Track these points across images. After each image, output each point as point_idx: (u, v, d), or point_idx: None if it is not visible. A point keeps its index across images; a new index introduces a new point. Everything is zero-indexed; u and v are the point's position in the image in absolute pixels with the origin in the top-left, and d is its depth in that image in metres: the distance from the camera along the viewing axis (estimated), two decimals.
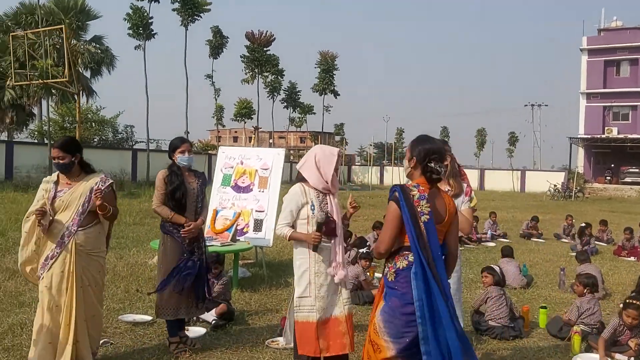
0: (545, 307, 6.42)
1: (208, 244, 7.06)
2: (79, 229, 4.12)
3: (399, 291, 3.15)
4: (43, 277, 4.10)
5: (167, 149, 5.11)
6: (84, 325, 4.11)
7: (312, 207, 4.05)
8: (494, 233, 13.77)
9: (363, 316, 6.40)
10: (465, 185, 4.46)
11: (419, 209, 3.10)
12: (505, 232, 14.42)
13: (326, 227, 4.00)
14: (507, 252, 8.79)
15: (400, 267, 3.18)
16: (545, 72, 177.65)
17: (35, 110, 33.07)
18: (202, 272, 4.94)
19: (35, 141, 31.54)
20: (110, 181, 4.33)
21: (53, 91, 28.91)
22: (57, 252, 4.09)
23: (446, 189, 4.03)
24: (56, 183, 4.24)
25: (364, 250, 7.57)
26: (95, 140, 32.38)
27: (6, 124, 31.49)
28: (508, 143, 58.88)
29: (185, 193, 4.84)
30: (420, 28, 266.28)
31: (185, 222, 4.80)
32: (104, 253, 4.35)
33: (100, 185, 4.15)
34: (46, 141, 25.91)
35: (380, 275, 8.65)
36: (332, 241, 4.10)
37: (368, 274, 7.46)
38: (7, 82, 19.38)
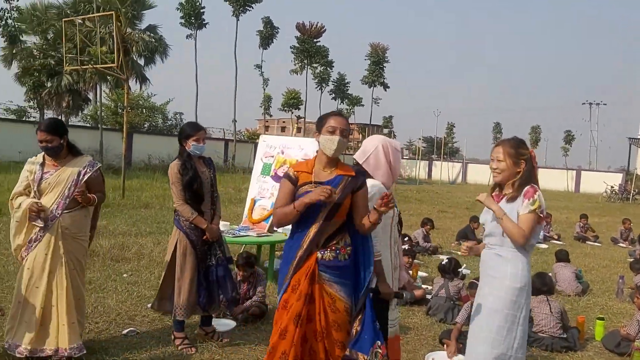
0: (602, 319, 5.90)
1: (244, 234, 6.87)
2: (65, 211, 3.96)
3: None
4: (27, 259, 3.95)
5: (179, 135, 4.67)
6: (73, 308, 3.98)
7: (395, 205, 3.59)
8: (547, 234, 13.11)
9: (404, 318, 6.05)
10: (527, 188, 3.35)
11: None
12: (559, 234, 13.71)
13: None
14: (563, 257, 8.25)
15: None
16: (605, 70, 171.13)
17: (91, 96, 33.82)
18: (219, 275, 4.64)
19: (88, 125, 32.31)
20: (99, 165, 4.18)
21: (108, 77, 29.48)
22: (40, 235, 3.93)
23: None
24: (42, 164, 4.04)
25: (405, 246, 7.17)
26: (146, 126, 32.90)
27: (63, 108, 32.24)
28: (564, 141, 57.04)
29: (201, 183, 4.52)
30: (473, 21, 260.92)
31: (205, 227, 4.50)
32: (87, 237, 4.19)
33: (88, 170, 4.04)
34: (98, 125, 26.48)
35: (424, 274, 8.33)
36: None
37: (411, 272, 7.09)
38: (65, 68, 19.76)
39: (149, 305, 5.51)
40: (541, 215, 3.24)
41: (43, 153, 4.06)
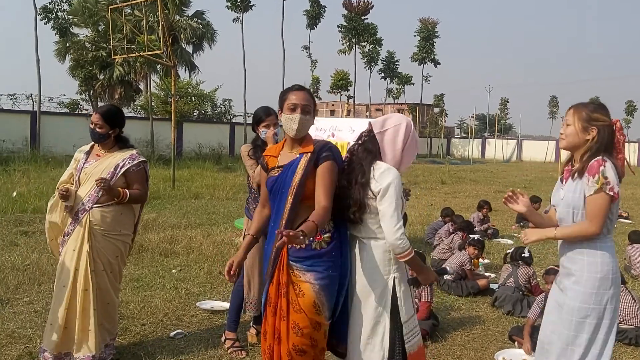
0: None
1: None
2: (95, 205, 3.73)
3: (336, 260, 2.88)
4: (61, 254, 3.80)
5: (252, 120, 4.49)
6: (93, 312, 3.71)
7: (405, 195, 3.09)
8: None
9: (468, 310, 5.63)
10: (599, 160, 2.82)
11: None
12: (627, 212, 12.85)
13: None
14: (637, 238, 7.60)
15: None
16: None
17: (142, 86, 34.28)
18: None
19: (138, 115, 32.76)
20: (140, 159, 3.90)
21: (157, 67, 29.74)
22: (71, 229, 3.76)
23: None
24: (87, 153, 3.91)
25: (476, 236, 6.72)
26: (195, 114, 33.11)
27: (115, 100, 32.85)
28: (625, 113, 54.40)
29: None
30: None
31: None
32: (125, 237, 3.90)
33: (126, 163, 3.81)
34: (149, 115, 26.79)
35: (486, 260, 7.83)
36: None
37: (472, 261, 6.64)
38: (114, 57, 20.05)
39: (197, 303, 5.30)
40: (611, 193, 2.76)
41: (92, 142, 3.95)
